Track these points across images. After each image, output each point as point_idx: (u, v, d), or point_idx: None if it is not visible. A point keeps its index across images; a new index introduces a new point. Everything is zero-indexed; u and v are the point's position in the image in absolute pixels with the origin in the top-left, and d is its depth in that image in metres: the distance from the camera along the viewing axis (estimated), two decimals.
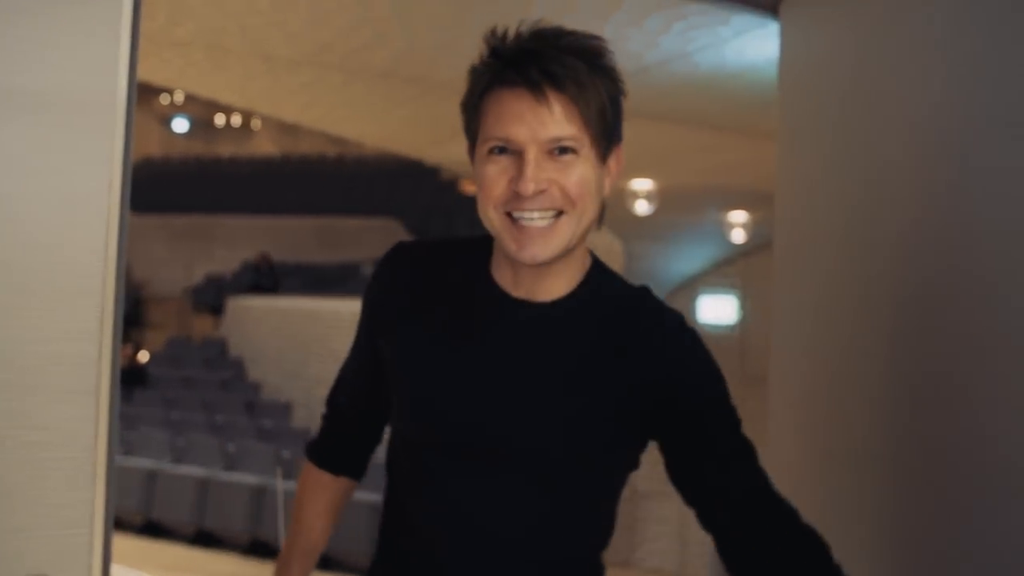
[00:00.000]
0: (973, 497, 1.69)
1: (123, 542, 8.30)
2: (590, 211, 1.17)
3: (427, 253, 1.31)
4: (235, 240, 17.99)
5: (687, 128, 4.60)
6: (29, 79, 1.61)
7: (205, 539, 8.52)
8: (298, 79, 3.80)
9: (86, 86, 1.67)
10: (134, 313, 16.65)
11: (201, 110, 22.29)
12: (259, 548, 8.22)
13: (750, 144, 4.87)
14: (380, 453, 1.40)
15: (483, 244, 1.28)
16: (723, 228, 7.53)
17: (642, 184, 6.06)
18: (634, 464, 1.28)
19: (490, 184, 1.15)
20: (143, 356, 13.91)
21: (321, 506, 1.48)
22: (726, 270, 8.88)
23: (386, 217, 17.59)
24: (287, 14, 3.00)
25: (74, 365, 1.67)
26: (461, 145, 1.27)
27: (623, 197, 6.14)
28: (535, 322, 1.22)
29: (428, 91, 3.95)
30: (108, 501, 1.69)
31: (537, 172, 1.12)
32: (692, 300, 8.88)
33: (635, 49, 3.23)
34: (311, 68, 3.60)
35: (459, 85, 3.67)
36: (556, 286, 1.22)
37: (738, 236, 7.51)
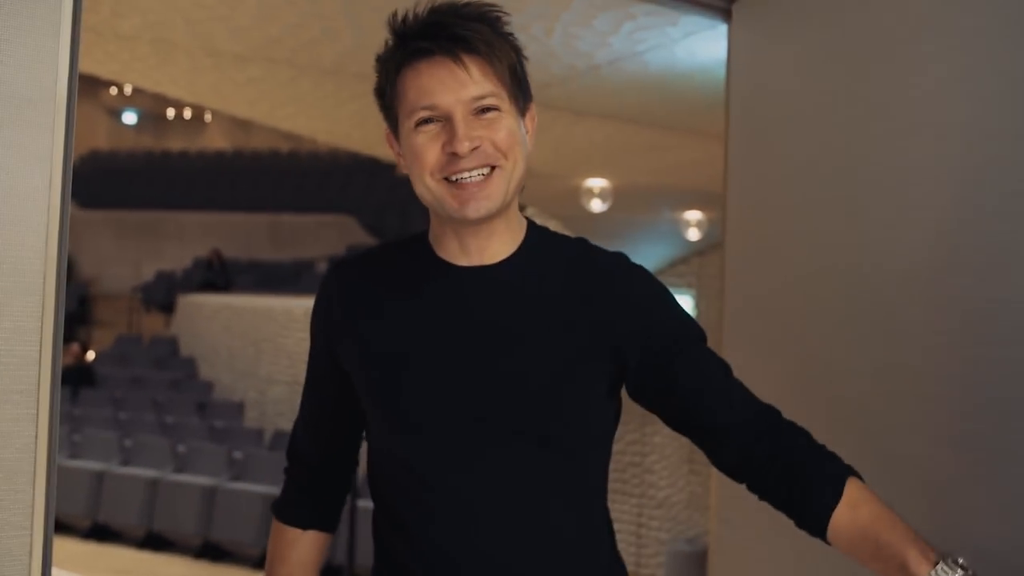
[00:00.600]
0: (932, 494, 1.71)
1: (70, 545, 8.17)
2: (520, 163, 1.21)
3: (365, 261, 1.34)
4: (185, 236, 17.75)
5: (639, 127, 4.63)
6: None
7: (155, 542, 8.40)
8: (245, 74, 3.76)
9: (25, 80, 1.65)
10: (81, 311, 16.35)
11: (151, 103, 21.95)
12: (210, 551, 8.13)
13: (701, 144, 4.91)
14: None
15: (416, 236, 1.33)
16: (678, 227, 7.58)
17: (596, 182, 6.09)
18: (614, 419, 1.30)
19: (423, 152, 1.19)
20: (91, 355, 13.67)
21: (292, 565, 1.40)
22: (681, 269, 8.93)
23: (340, 213, 17.48)
24: (234, 8, 2.96)
25: (14, 365, 1.65)
26: None
27: (578, 195, 6.16)
28: (491, 282, 1.25)
29: None
30: (48, 503, 1.67)
31: (468, 131, 1.16)
32: None
33: (585, 49, 3.25)
34: (259, 63, 3.57)
35: None
36: (501, 247, 1.26)
37: (693, 235, 7.55)
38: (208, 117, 22.66)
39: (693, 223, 7.46)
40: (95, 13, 3.01)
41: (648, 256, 8.73)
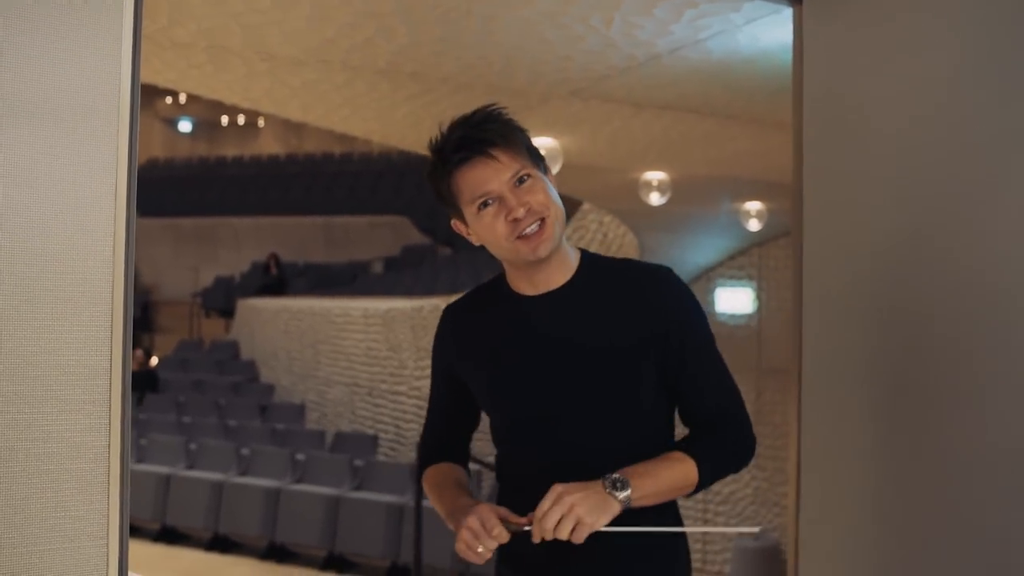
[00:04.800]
0: (1006, 487, 1.65)
1: (139, 549, 8.31)
2: (559, 209, 1.62)
3: (465, 301, 1.79)
4: (241, 241, 17.97)
5: (698, 117, 4.54)
6: (31, 85, 1.59)
7: (221, 544, 8.50)
8: (300, 77, 3.75)
9: (89, 90, 1.66)
10: (143, 318, 16.64)
11: (205, 110, 22.26)
12: (275, 552, 8.21)
13: (760, 133, 4.81)
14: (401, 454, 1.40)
15: (496, 279, 1.75)
16: (737, 218, 7.45)
17: (654, 175, 5.99)
18: (668, 398, 1.67)
19: (494, 227, 1.59)
20: (154, 361, 13.90)
21: (445, 466, 1.81)
22: (741, 261, 8.80)
23: (394, 214, 17.55)
24: (288, 11, 2.95)
25: (84, 376, 1.67)
26: None
27: (636, 188, 6.08)
28: (558, 300, 1.66)
29: (430, 88, 3.92)
30: (123, 511, 1.68)
31: (517, 200, 1.56)
32: (709, 291, 8.80)
33: (645, 38, 3.17)
34: (313, 66, 3.55)
35: (460, 80, 3.63)
36: (561, 275, 1.66)
37: (753, 226, 7.42)
38: (261, 123, 22.92)
39: (753, 214, 7.32)
40: (152, 22, 3.02)
41: (707, 249, 8.61)
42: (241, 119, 22.77)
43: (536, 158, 1.62)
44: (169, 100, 22.23)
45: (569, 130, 4.85)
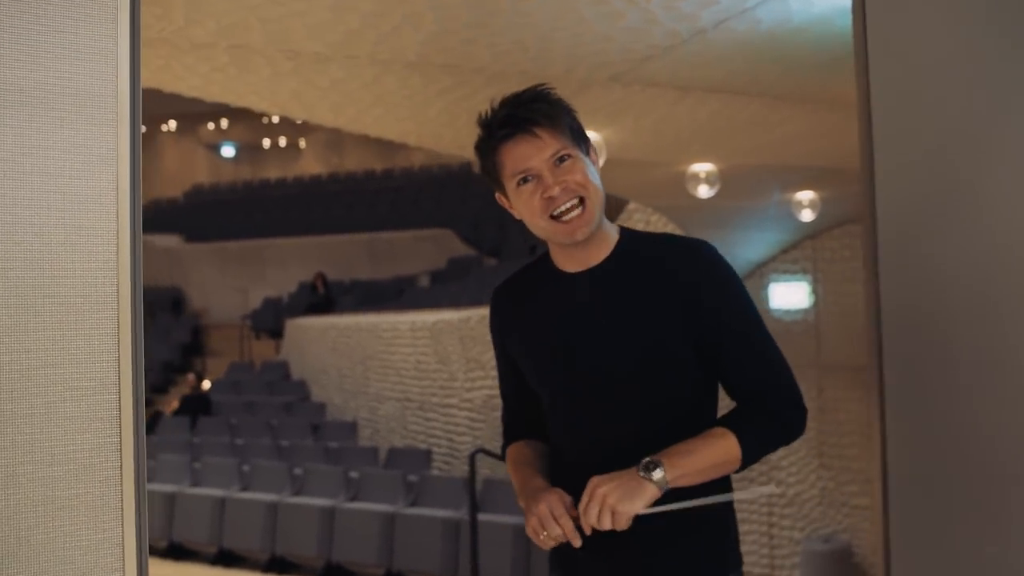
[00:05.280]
0: None
1: (196, 572, 8.32)
2: (599, 189, 1.67)
3: (512, 281, 1.86)
4: (288, 262, 18.03)
5: (746, 99, 4.32)
6: (15, 68, 1.48)
7: (278, 565, 8.43)
8: (327, 76, 3.61)
9: (85, 74, 1.55)
10: (194, 342, 16.80)
11: (247, 134, 22.51)
12: (333, 572, 8.12)
13: (811, 114, 4.59)
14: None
15: (542, 257, 1.80)
16: (789, 209, 7.17)
17: (702, 167, 5.75)
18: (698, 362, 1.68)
19: (530, 203, 1.65)
20: (206, 384, 13.95)
21: (521, 443, 1.88)
22: (794, 255, 8.52)
23: (437, 227, 17.50)
24: (311, 2, 2.81)
25: (91, 390, 1.55)
26: None
27: (682, 182, 5.84)
28: (597, 276, 1.71)
29: (463, 81, 3.76)
30: (140, 539, 1.54)
31: (554, 178, 1.63)
32: (763, 287, 8.52)
33: (689, 10, 2.97)
34: (340, 63, 3.41)
35: (493, 69, 3.44)
36: (600, 252, 1.71)
37: (806, 217, 7.14)
38: (303, 143, 23.09)
39: (806, 204, 7.04)
40: (169, 22, 2.90)
41: (758, 244, 8.35)
42: (283, 141, 22.97)
43: (579, 139, 1.68)
44: (211, 126, 22.50)
45: (610, 121, 4.65)
